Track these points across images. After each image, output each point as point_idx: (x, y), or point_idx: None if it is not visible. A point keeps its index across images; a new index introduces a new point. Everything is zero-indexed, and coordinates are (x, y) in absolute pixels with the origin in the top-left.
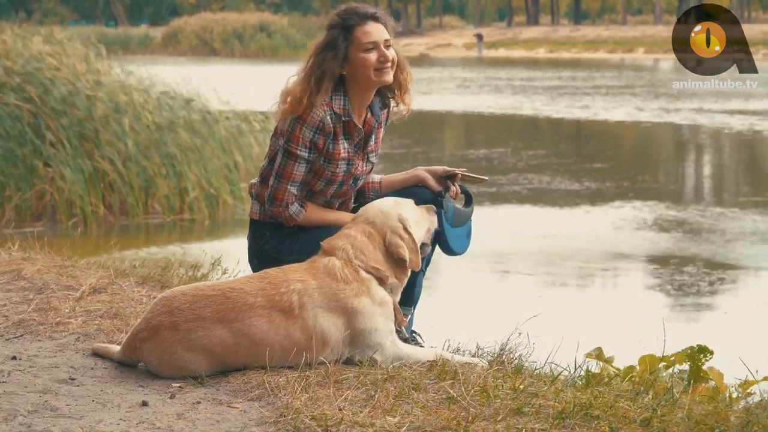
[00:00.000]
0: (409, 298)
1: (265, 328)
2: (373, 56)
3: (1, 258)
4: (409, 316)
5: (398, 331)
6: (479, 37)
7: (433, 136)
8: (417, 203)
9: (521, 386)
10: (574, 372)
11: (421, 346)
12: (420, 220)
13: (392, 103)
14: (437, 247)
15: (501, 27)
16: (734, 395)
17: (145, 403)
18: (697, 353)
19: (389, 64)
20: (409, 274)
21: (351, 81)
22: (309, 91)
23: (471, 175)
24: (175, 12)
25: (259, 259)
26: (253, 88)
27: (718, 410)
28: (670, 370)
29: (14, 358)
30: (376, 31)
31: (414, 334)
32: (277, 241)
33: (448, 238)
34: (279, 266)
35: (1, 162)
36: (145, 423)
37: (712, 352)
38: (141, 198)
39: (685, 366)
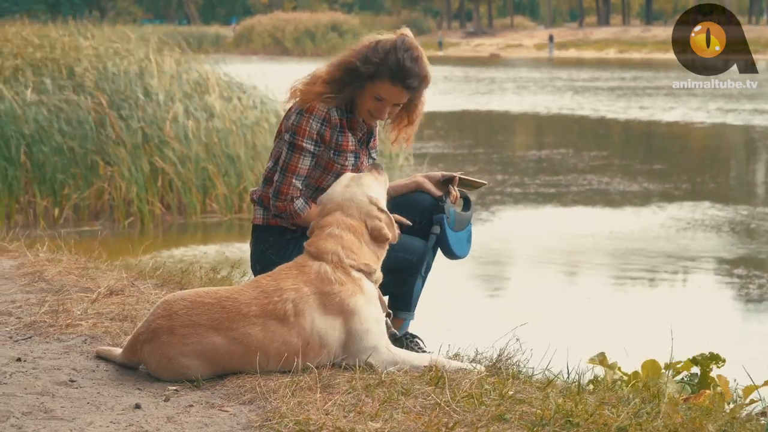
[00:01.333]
0: (406, 303)
1: (261, 336)
2: (376, 105)
3: (27, 259)
4: (407, 320)
5: (388, 329)
6: (551, 37)
7: (495, 136)
8: (417, 210)
9: (510, 392)
10: (568, 378)
11: (424, 351)
12: (381, 189)
13: None
14: (439, 252)
15: (572, 27)
16: (739, 402)
17: (138, 406)
18: (708, 360)
19: (380, 119)
20: (383, 256)
21: (357, 99)
22: (324, 90)
23: (469, 178)
24: (248, 11)
25: (261, 264)
26: None
27: (694, 419)
28: (678, 376)
29: (19, 359)
30: (396, 95)
31: (415, 339)
32: (281, 247)
33: (450, 242)
34: (270, 274)
35: (62, 160)
36: (134, 426)
37: (723, 360)
38: (199, 197)
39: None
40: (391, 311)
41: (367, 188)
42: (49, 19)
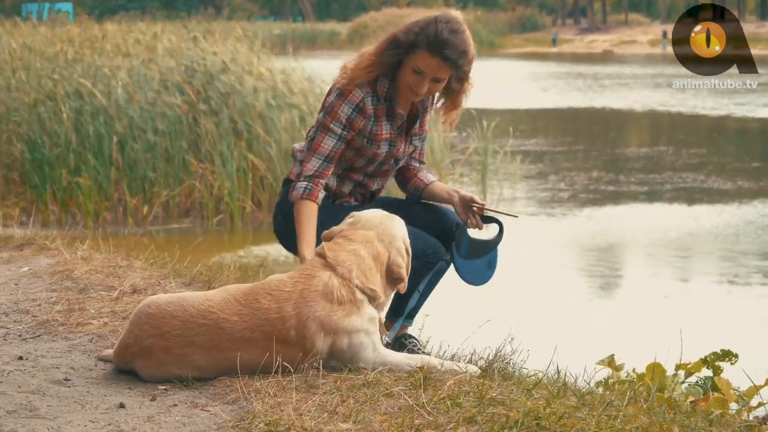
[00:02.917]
0: (400, 310)
1: (262, 355)
2: (414, 78)
3: (61, 257)
4: (407, 326)
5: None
6: (664, 33)
7: (595, 133)
8: (444, 221)
9: (493, 394)
10: (557, 379)
11: (420, 352)
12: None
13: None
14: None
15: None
16: (744, 406)
17: (122, 405)
18: (721, 357)
19: (420, 95)
20: (394, 292)
21: (398, 74)
22: (371, 63)
23: (495, 210)
24: (362, 8)
25: (284, 215)
26: None
27: (659, 422)
28: (689, 378)
29: (20, 358)
30: (433, 67)
31: (412, 339)
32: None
33: (459, 269)
34: (270, 290)
35: (153, 158)
36: (112, 425)
37: (736, 356)
38: None
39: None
40: (387, 332)
41: (404, 232)
42: (164, 16)
